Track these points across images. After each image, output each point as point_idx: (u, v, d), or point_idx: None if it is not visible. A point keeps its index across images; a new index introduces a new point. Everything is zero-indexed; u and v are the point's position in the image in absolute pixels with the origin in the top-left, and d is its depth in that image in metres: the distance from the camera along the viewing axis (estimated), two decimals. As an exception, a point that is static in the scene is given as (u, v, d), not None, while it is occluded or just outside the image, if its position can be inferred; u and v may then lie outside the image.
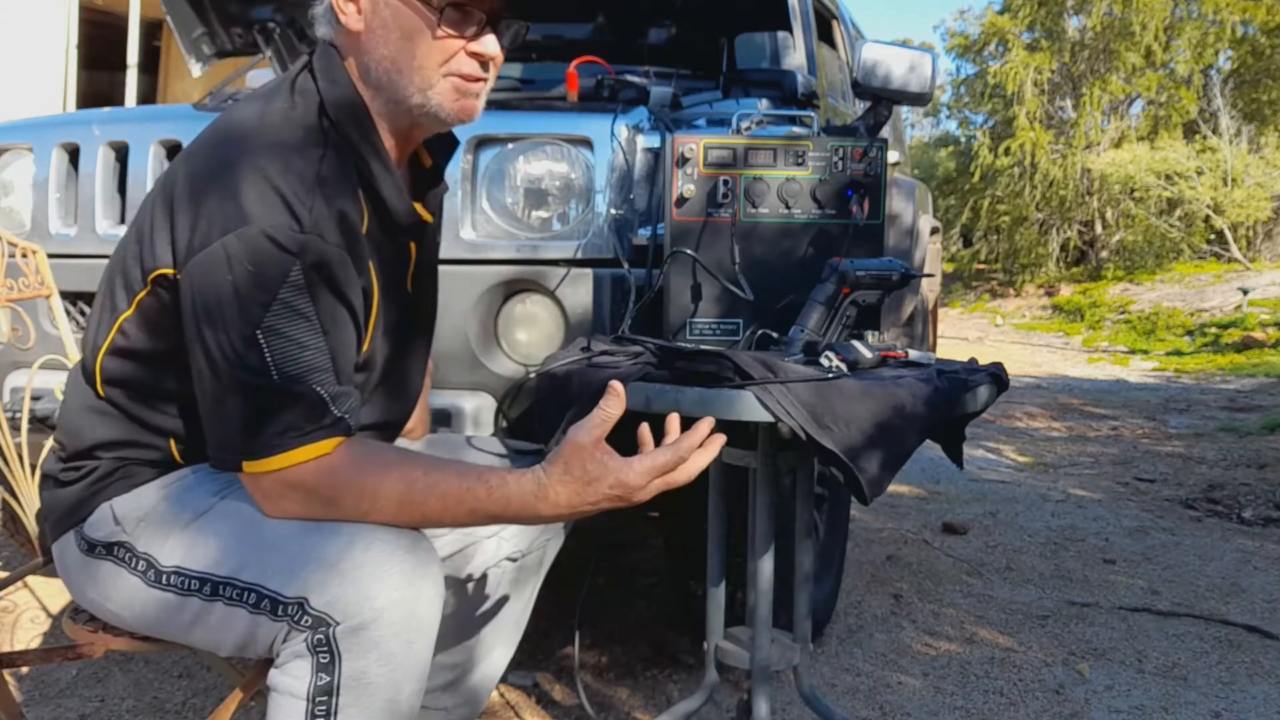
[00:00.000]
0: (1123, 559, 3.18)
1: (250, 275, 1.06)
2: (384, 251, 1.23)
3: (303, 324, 1.08)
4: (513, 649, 1.56)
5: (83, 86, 7.35)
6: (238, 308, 1.07)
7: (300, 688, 1.05)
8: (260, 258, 1.07)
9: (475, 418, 1.73)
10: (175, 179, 1.16)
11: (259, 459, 1.08)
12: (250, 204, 1.08)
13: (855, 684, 2.21)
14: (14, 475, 1.59)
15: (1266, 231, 15.78)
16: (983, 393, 1.43)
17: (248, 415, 1.08)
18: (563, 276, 1.71)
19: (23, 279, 1.68)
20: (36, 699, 2.04)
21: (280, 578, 1.08)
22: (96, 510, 1.21)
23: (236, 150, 1.12)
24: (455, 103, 1.19)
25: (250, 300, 1.07)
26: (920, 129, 25.87)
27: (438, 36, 1.16)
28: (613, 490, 1.09)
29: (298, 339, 1.08)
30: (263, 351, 1.07)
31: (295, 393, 1.08)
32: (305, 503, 1.10)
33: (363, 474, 1.10)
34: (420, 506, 1.11)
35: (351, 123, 1.18)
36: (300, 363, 1.08)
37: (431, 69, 1.17)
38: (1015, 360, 9.53)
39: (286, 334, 1.08)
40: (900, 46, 1.84)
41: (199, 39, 2.73)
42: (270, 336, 1.07)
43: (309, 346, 1.09)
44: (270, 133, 1.13)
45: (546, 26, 2.69)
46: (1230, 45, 16.41)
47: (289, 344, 1.08)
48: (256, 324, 1.07)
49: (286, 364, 1.07)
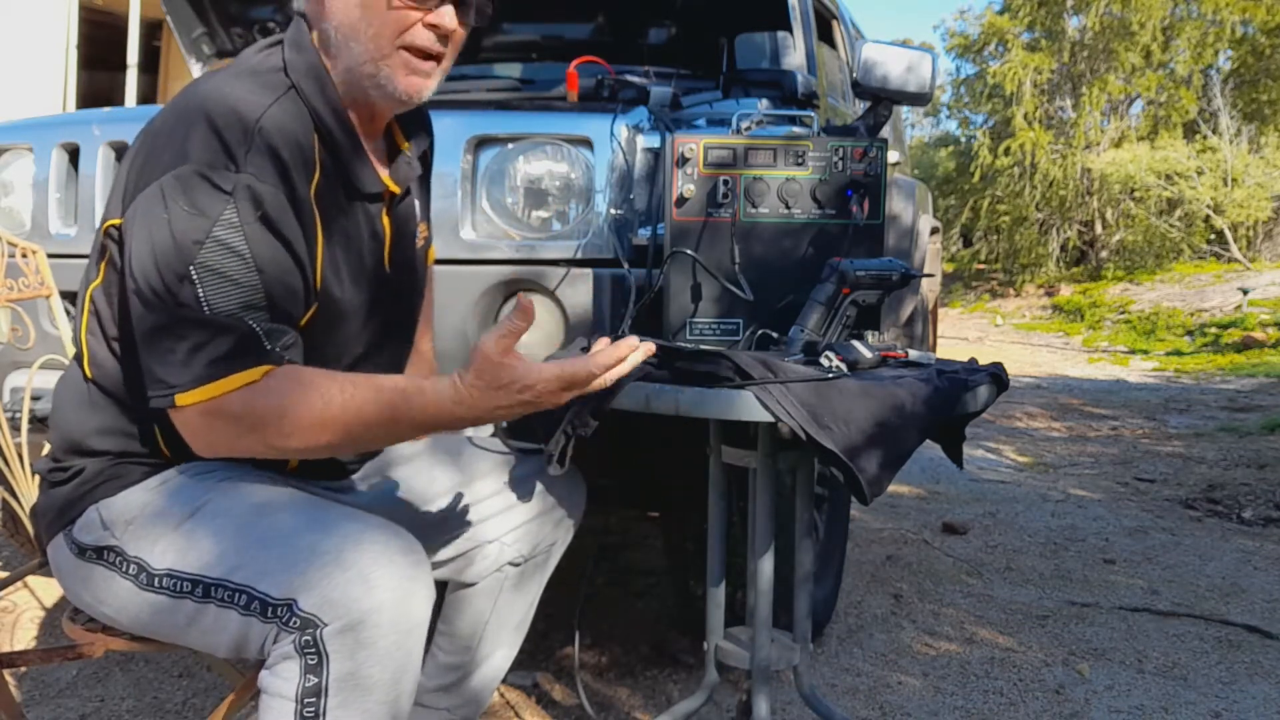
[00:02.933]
0: (1123, 559, 3.18)
1: (185, 213, 1.08)
2: (346, 215, 1.24)
3: (236, 262, 1.09)
4: (515, 651, 1.56)
5: (83, 86, 7.35)
6: (173, 244, 1.08)
7: (289, 689, 1.05)
8: (195, 196, 1.09)
9: (475, 418, 1.73)
10: (135, 142, 1.18)
11: (189, 390, 1.09)
12: (191, 146, 1.10)
13: (855, 684, 2.21)
14: (14, 475, 1.59)
15: (1266, 231, 15.78)
16: (983, 393, 1.43)
17: (179, 349, 1.09)
18: (563, 276, 1.71)
19: (23, 279, 1.68)
20: (36, 699, 2.04)
21: (270, 579, 1.08)
22: (85, 513, 1.21)
23: (189, 105, 1.14)
24: (405, 78, 1.20)
25: (185, 237, 1.08)
26: (920, 129, 25.89)
27: (394, 6, 1.17)
28: (522, 395, 1.12)
29: (232, 276, 1.09)
30: (196, 287, 1.08)
31: (227, 326, 1.09)
32: (231, 432, 1.11)
33: (282, 397, 1.10)
34: (342, 423, 1.11)
35: (312, 84, 1.19)
36: (233, 299, 1.09)
37: (386, 39, 1.18)
38: (1015, 360, 9.53)
39: (220, 271, 1.09)
40: (900, 46, 1.84)
41: (199, 39, 2.73)
42: (204, 273, 1.08)
43: (243, 284, 1.10)
44: (225, 87, 1.15)
45: (546, 26, 2.69)
46: (1230, 45, 16.40)
47: (223, 281, 1.09)
48: (190, 260, 1.08)
49: (219, 300, 1.08)
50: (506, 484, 1.48)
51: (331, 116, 1.20)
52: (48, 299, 1.72)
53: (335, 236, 1.21)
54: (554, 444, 1.35)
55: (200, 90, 1.15)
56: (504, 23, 2.70)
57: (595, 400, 1.31)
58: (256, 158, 1.11)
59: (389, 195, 1.30)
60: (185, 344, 1.08)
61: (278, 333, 1.12)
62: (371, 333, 1.31)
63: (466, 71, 2.72)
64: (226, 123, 1.11)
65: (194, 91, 1.16)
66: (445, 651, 1.52)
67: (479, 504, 1.46)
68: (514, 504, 1.47)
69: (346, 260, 1.23)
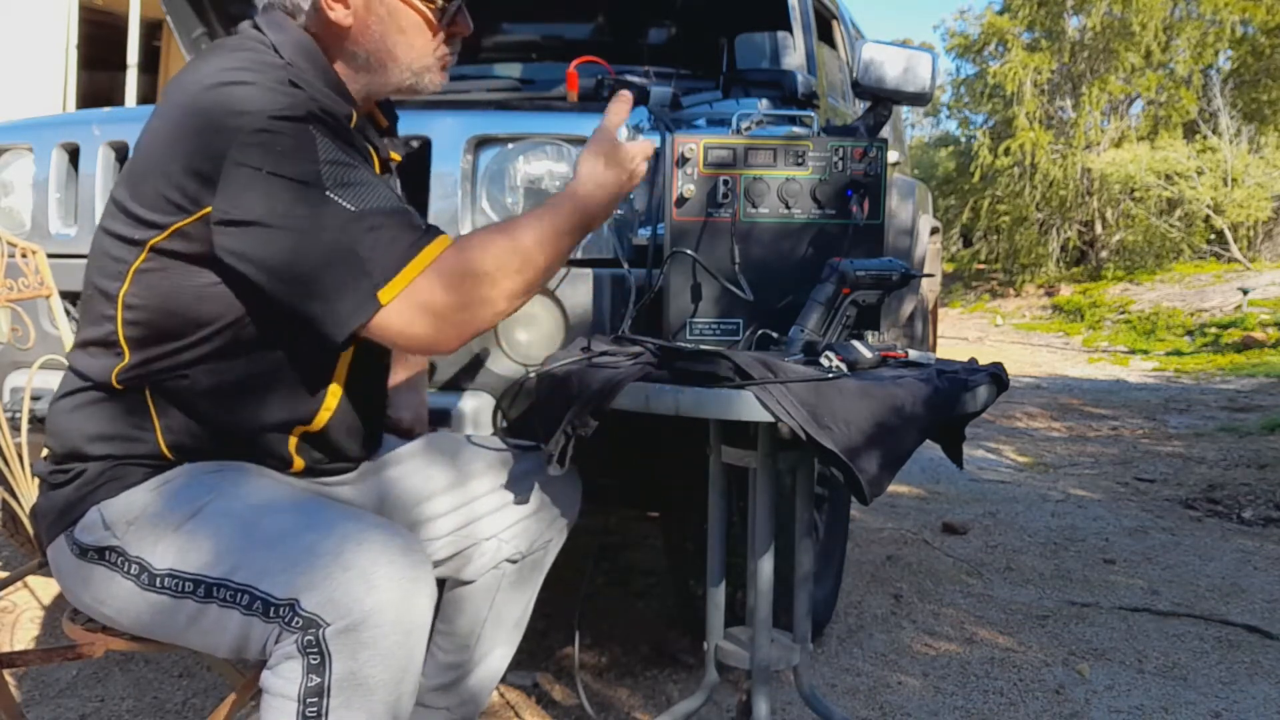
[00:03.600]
0: (1123, 559, 3.18)
1: (285, 159, 1.10)
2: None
3: (351, 169, 1.14)
4: (513, 649, 1.56)
5: (83, 86, 7.35)
6: (297, 187, 1.10)
7: (291, 689, 1.05)
8: (283, 139, 1.10)
9: (474, 418, 1.73)
10: (140, 147, 1.17)
11: (390, 281, 1.11)
12: (243, 105, 1.10)
13: (855, 684, 2.21)
14: (14, 475, 1.59)
15: (1266, 231, 15.77)
16: (983, 393, 1.43)
17: (357, 256, 1.11)
18: (563, 276, 1.71)
19: (23, 279, 1.68)
20: (36, 699, 2.04)
21: (273, 579, 1.07)
22: (87, 514, 1.21)
23: (197, 88, 1.14)
24: (439, 77, 1.32)
25: (301, 174, 1.10)
26: (920, 129, 25.90)
27: (441, 30, 1.29)
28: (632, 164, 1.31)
29: (358, 179, 1.14)
30: (341, 205, 1.11)
31: (388, 211, 1.13)
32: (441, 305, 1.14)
33: (472, 250, 1.16)
34: (526, 252, 1.19)
35: (306, 60, 1.22)
36: (375, 192, 1.14)
37: (429, 54, 1.30)
38: (1015, 360, 9.53)
39: (347, 181, 1.12)
40: (900, 46, 1.84)
41: (199, 39, 2.73)
42: (338, 190, 1.11)
43: (371, 182, 1.15)
44: (224, 60, 1.17)
45: (546, 26, 2.69)
46: (1230, 45, 16.40)
47: (357, 188, 1.13)
48: (323, 188, 1.10)
49: (367, 199, 1.13)
50: (503, 482, 1.48)
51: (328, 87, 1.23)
52: (48, 299, 1.72)
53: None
54: (554, 444, 1.35)
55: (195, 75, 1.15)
56: (504, 23, 2.70)
57: (595, 400, 1.31)
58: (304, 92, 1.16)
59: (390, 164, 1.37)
60: (362, 248, 1.10)
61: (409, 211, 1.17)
62: None
63: (466, 71, 2.72)
64: (261, 77, 1.14)
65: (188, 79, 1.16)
66: (444, 650, 1.52)
67: (476, 501, 1.46)
68: (511, 501, 1.47)
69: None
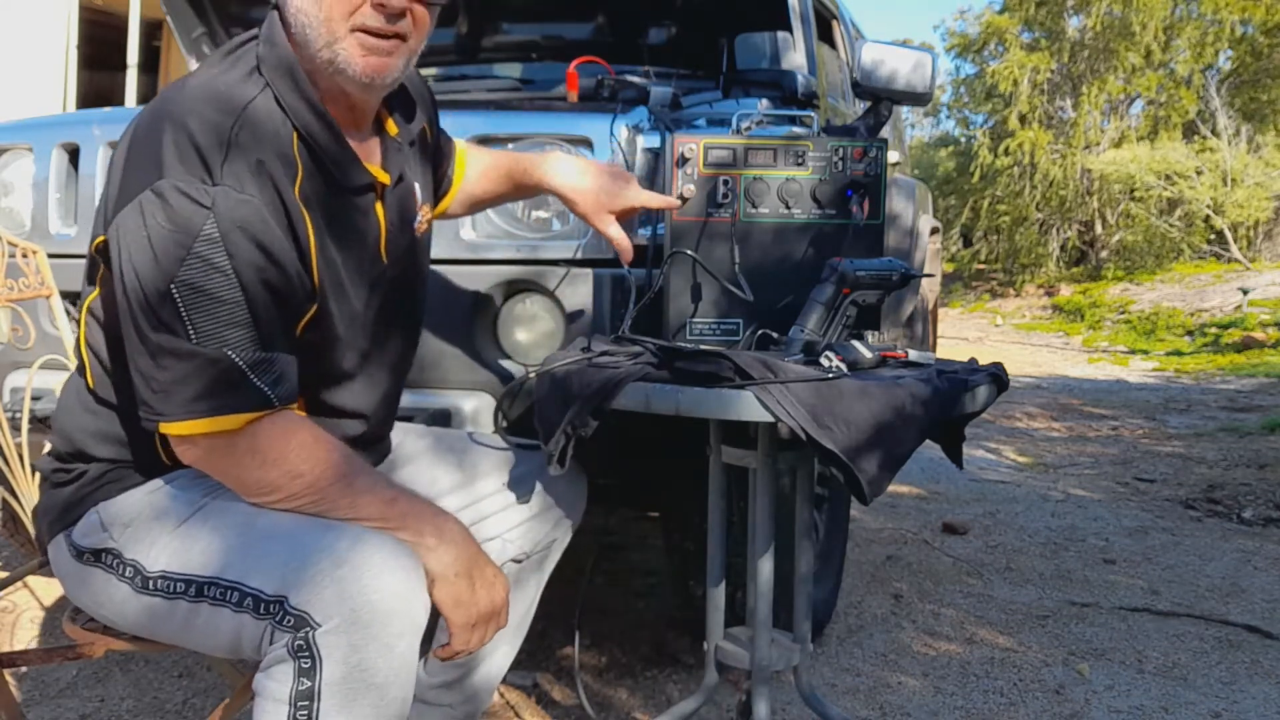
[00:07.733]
0: (1123, 559, 3.17)
1: (164, 230, 1.06)
2: (337, 212, 1.21)
3: (219, 277, 1.07)
4: (515, 649, 1.56)
5: (83, 86, 7.34)
6: (154, 262, 1.07)
7: (282, 691, 1.04)
8: (173, 212, 1.07)
9: (474, 418, 1.73)
10: (119, 146, 1.17)
11: (171, 422, 1.10)
12: (167, 158, 1.08)
13: (855, 684, 2.21)
14: (14, 475, 1.59)
15: (1266, 231, 15.76)
16: (982, 393, 1.43)
17: (162, 377, 1.09)
18: (563, 276, 1.71)
19: (23, 279, 1.68)
20: (36, 699, 2.04)
21: (262, 575, 1.07)
22: (85, 516, 1.21)
23: (166, 112, 1.12)
24: (363, 59, 1.15)
25: (165, 255, 1.06)
26: (920, 129, 25.87)
27: None
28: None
29: (215, 294, 1.07)
30: (178, 307, 1.07)
31: (209, 358, 1.08)
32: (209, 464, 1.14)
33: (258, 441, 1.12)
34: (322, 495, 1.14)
35: (285, 80, 1.16)
36: (218, 319, 1.08)
37: (337, 21, 1.14)
38: (1015, 360, 9.52)
39: (203, 289, 1.07)
40: (900, 46, 1.84)
41: (199, 39, 2.73)
42: (186, 291, 1.06)
43: (227, 302, 1.08)
44: (198, 91, 1.14)
45: (546, 26, 2.69)
46: (1230, 45, 16.39)
47: (206, 299, 1.07)
48: (171, 278, 1.06)
49: (203, 320, 1.07)
50: (507, 481, 1.47)
51: (309, 112, 1.16)
52: (48, 299, 1.72)
53: (327, 235, 1.19)
54: (554, 443, 1.35)
55: (175, 97, 1.14)
56: (504, 23, 2.70)
57: (595, 400, 1.31)
58: (233, 166, 1.09)
59: (380, 186, 1.27)
60: (168, 374, 1.08)
61: (266, 365, 1.11)
62: (375, 326, 1.30)
63: (466, 71, 2.72)
64: (202, 130, 1.09)
65: (170, 98, 1.14)
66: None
67: (480, 502, 1.46)
68: (515, 501, 1.47)
69: (342, 257, 1.22)
